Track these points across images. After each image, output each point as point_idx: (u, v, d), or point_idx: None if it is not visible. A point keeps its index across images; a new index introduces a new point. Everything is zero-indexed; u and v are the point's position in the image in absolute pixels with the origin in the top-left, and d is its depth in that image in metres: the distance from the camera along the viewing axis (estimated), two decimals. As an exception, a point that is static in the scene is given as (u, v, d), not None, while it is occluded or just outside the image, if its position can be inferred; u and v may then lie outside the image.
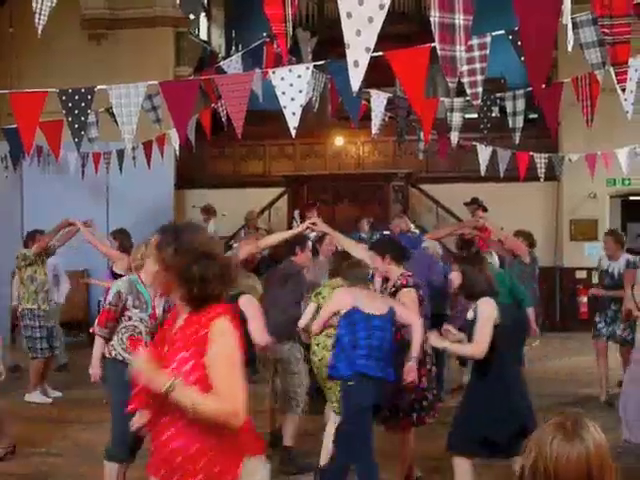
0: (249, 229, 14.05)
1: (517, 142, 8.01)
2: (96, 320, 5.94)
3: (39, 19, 5.08)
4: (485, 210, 13.13)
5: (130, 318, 5.73)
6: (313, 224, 6.93)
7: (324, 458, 6.27)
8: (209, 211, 14.47)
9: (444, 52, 3.70)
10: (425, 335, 5.94)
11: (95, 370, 5.99)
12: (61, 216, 9.91)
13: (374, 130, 8.33)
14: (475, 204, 13.15)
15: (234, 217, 14.72)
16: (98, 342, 5.86)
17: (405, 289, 6.07)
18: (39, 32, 5.10)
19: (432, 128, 7.57)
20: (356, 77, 3.08)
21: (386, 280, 6.35)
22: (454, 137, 8.41)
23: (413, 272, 6.48)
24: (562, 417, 2.21)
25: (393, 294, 6.08)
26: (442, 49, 3.69)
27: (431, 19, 3.56)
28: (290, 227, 14.02)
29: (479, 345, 5.31)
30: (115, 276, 8.86)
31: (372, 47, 3.03)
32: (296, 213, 14.74)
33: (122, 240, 9.29)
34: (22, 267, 9.80)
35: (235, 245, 11.79)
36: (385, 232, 11.52)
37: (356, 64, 3.04)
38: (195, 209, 15.21)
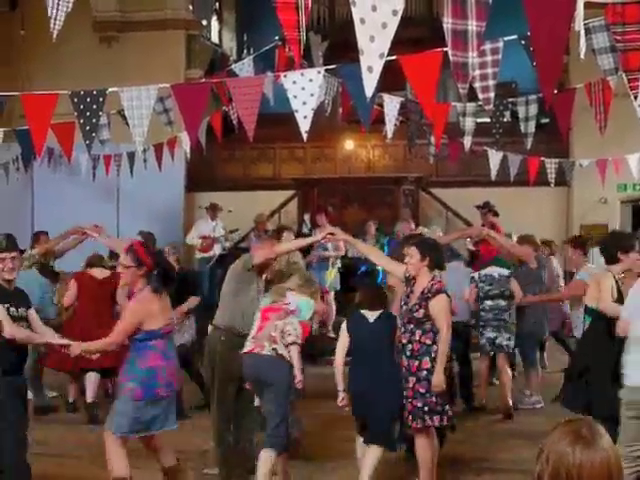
0: (258, 232, 14.05)
1: (529, 147, 8.00)
2: None
3: (54, 24, 5.09)
4: (496, 215, 13.10)
5: None
6: (331, 234, 6.88)
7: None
8: (215, 209, 14.50)
9: (456, 58, 3.70)
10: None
11: None
12: (71, 217, 9.96)
13: (389, 134, 8.32)
14: (486, 208, 13.12)
15: (244, 220, 14.73)
16: None
17: (440, 295, 5.98)
18: (54, 37, 5.10)
19: (443, 132, 7.57)
20: (370, 82, 3.08)
21: (413, 279, 6.24)
22: (467, 142, 8.39)
23: (447, 282, 6.45)
24: (575, 425, 2.25)
25: (426, 299, 5.99)
26: (454, 55, 3.69)
27: (444, 25, 3.56)
28: (300, 230, 14.03)
29: None
30: None
31: (386, 53, 3.03)
32: (306, 217, 14.75)
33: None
34: (26, 267, 9.84)
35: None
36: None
37: (370, 70, 3.04)
38: (202, 210, 15.20)
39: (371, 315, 6.20)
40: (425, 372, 5.94)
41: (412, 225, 11.65)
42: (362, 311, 6.26)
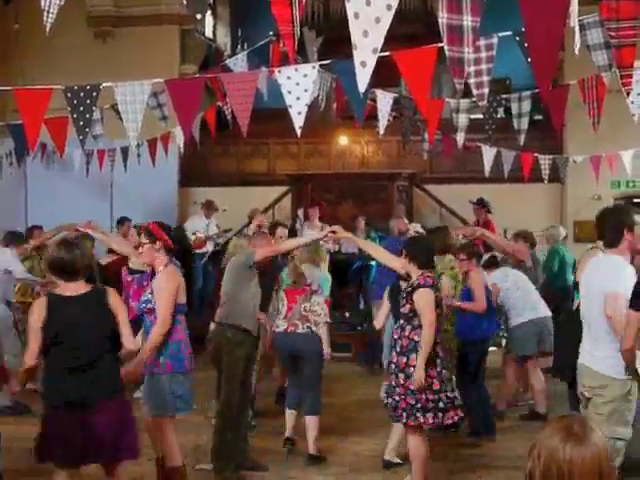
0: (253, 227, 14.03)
1: (522, 143, 8.00)
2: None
3: (47, 17, 5.07)
4: (489, 212, 13.14)
5: None
6: (333, 232, 6.96)
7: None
8: (210, 206, 14.49)
9: (452, 53, 3.70)
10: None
11: None
12: (65, 212, 9.95)
13: (381, 131, 8.32)
14: (481, 204, 13.14)
15: (237, 215, 14.69)
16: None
17: (422, 289, 6.02)
18: (47, 30, 5.08)
19: (437, 129, 7.57)
20: (363, 78, 3.07)
21: (408, 277, 6.30)
22: (460, 138, 8.39)
23: None
24: (566, 421, 2.27)
25: (410, 293, 6.07)
26: (450, 50, 3.68)
27: (439, 20, 3.56)
28: (293, 226, 14.03)
29: None
30: (133, 272, 8.92)
31: (379, 48, 3.03)
32: (300, 212, 14.75)
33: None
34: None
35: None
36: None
37: (363, 64, 3.04)
38: (197, 205, 15.18)
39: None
40: (412, 369, 5.95)
41: (405, 222, 11.68)
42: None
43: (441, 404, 5.99)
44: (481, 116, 8.67)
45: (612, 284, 5.12)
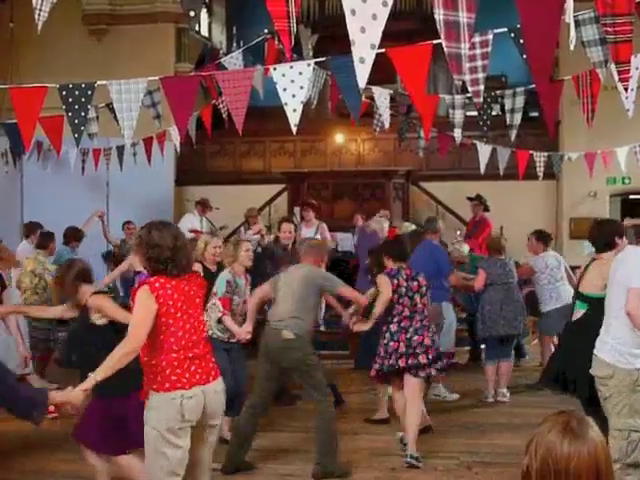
0: (249, 226, 14.03)
1: (513, 139, 8.00)
2: (222, 309, 7.12)
3: (39, 15, 5.05)
4: (487, 210, 13.14)
5: None
6: None
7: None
8: (205, 205, 14.45)
9: (450, 49, 3.68)
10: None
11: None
12: (61, 211, 9.97)
13: (386, 125, 8.37)
14: (478, 201, 13.15)
15: (233, 214, 14.68)
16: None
17: (380, 275, 7.28)
18: (39, 29, 5.06)
19: (433, 126, 7.56)
20: (362, 74, 3.07)
21: None
22: (457, 134, 8.38)
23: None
24: (564, 417, 2.27)
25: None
26: (448, 46, 3.67)
27: (436, 16, 3.55)
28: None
29: None
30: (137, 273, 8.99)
31: (377, 44, 3.03)
32: (296, 210, 14.74)
33: None
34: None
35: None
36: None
37: (362, 61, 3.04)
38: (190, 203, 15.15)
39: None
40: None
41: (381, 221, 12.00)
42: None
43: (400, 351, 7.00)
44: (476, 113, 8.68)
45: (637, 280, 5.16)
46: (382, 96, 8.36)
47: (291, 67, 6.51)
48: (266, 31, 10.47)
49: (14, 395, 3.91)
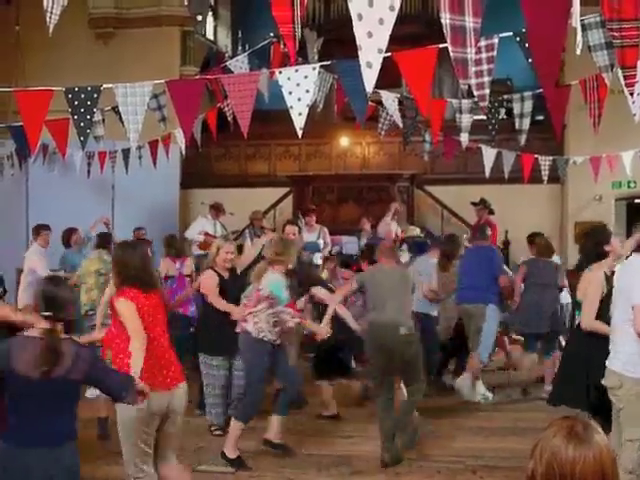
0: (254, 228, 14.03)
1: (522, 144, 8.00)
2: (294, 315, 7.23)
3: (50, 18, 5.06)
4: (491, 213, 13.12)
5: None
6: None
7: None
8: (218, 209, 14.43)
9: (456, 54, 3.68)
10: None
11: None
12: (66, 214, 9.98)
13: (400, 124, 8.43)
14: (482, 205, 13.13)
15: (239, 217, 14.68)
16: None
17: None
18: (50, 31, 5.08)
19: (440, 130, 7.56)
20: (369, 78, 3.09)
21: None
22: (464, 138, 8.38)
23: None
24: (569, 421, 2.27)
25: None
26: (454, 51, 3.67)
27: (442, 21, 3.54)
28: (295, 227, 13.99)
29: None
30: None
31: (384, 48, 3.04)
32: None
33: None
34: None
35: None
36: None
37: (369, 65, 3.05)
38: (204, 205, 15.12)
39: None
40: None
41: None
42: None
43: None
44: (482, 117, 8.67)
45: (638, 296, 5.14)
46: (389, 99, 8.36)
47: (297, 70, 6.51)
48: (272, 35, 10.47)
49: (108, 379, 4.25)
